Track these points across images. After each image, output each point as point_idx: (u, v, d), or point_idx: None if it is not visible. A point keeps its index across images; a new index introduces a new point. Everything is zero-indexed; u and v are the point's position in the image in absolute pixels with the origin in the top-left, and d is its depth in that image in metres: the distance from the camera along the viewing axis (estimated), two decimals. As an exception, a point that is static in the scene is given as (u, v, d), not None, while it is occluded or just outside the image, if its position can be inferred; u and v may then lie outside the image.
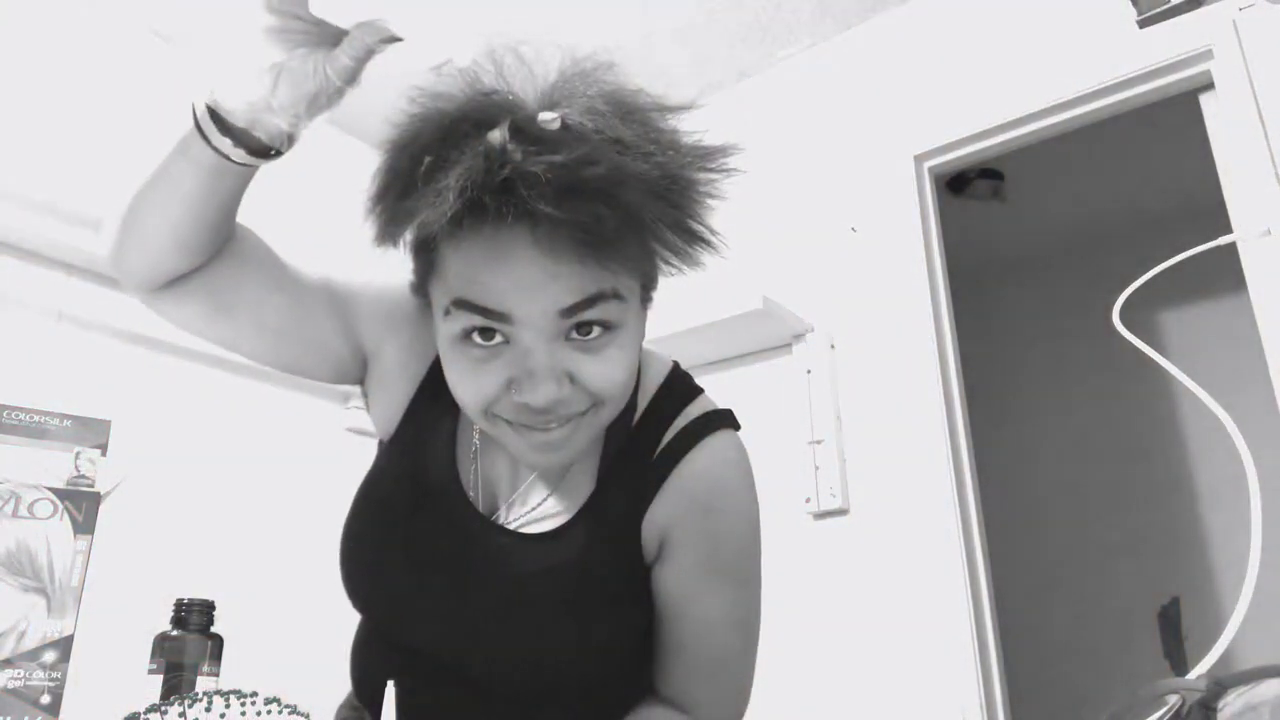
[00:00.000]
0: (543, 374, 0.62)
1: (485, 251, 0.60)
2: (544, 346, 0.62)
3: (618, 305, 0.64)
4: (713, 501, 0.77)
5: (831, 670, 1.92)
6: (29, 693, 0.77)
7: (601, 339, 0.64)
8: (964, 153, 2.11)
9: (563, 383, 0.64)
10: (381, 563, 0.79)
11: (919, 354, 2.00)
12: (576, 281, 0.61)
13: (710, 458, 0.77)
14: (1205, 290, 2.99)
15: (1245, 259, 1.72)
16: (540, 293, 0.60)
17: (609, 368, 0.65)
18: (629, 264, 0.62)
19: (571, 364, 0.64)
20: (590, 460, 0.78)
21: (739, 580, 0.80)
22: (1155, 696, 0.45)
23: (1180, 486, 3.02)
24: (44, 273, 1.95)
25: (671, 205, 0.61)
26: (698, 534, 0.76)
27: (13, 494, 0.80)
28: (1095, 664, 3.00)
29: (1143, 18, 1.84)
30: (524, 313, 0.61)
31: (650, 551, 0.78)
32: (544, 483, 0.79)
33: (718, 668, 0.80)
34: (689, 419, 0.78)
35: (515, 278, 0.60)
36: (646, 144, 0.60)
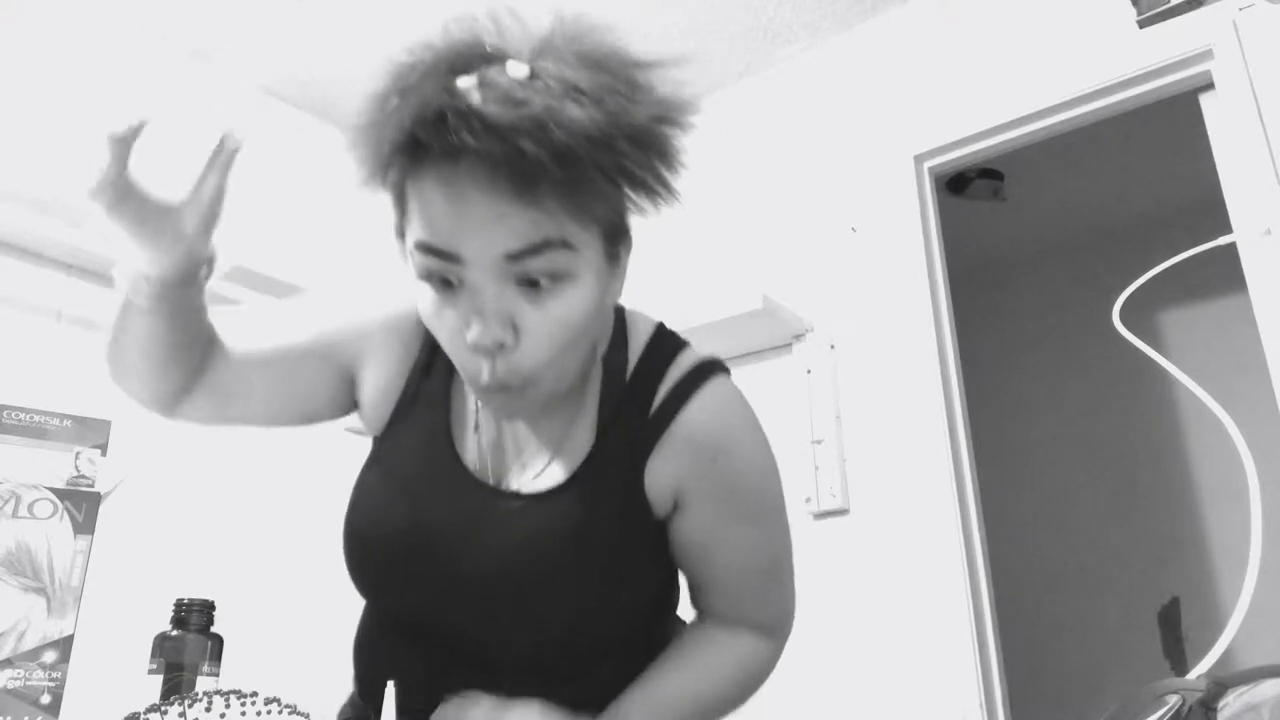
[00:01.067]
0: (488, 314, 0.64)
1: (440, 194, 0.62)
2: (492, 288, 0.64)
3: (567, 255, 0.64)
4: (720, 449, 0.77)
5: (832, 670, 1.92)
6: (29, 693, 0.77)
7: (550, 290, 0.65)
8: (964, 153, 2.11)
9: (506, 327, 0.65)
10: (386, 538, 0.78)
11: (919, 354, 2.00)
12: (522, 226, 0.62)
13: (708, 406, 0.78)
14: (1205, 290, 2.99)
15: (1245, 259, 1.72)
16: (486, 234, 0.62)
17: (552, 322, 0.66)
18: (572, 208, 0.63)
19: (517, 310, 0.65)
20: (589, 416, 0.78)
21: (762, 520, 0.82)
22: (1155, 696, 0.45)
23: (1180, 487, 3.02)
24: (44, 273, 1.95)
25: (616, 151, 0.61)
26: (711, 484, 0.77)
27: (13, 494, 0.80)
28: (1095, 664, 3.00)
29: (1143, 18, 1.84)
30: (472, 254, 0.63)
31: (660, 506, 0.78)
32: (545, 443, 0.79)
33: (755, 594, 0.84)
34: (681, 370, 0.79)
35: (464, 218, 0.62)
36: (602, 92, 0.61)
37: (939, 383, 1.96)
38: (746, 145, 2.44)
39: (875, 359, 2.07)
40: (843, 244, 2.19)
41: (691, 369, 0.79)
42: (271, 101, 2.54)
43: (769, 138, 2.41)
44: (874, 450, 2.02)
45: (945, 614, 1.81)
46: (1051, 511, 3.21)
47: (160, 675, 0.84)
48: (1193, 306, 3.06)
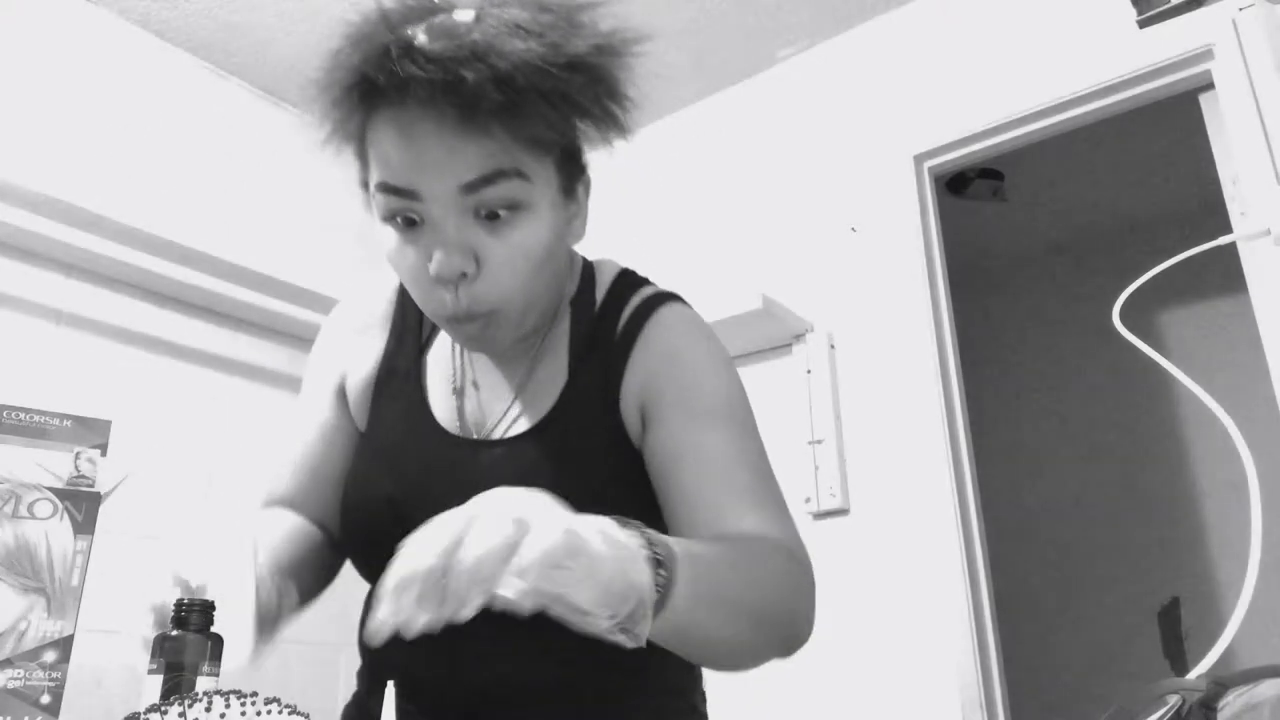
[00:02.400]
0: (449, 245, 0.67)
1: (393, 134, 0.65)
2: (452, 221, 0.67)
3: (522, 184, 0.67)
4: (677, 354, 0.79)
5: (832, 670, 1.92)
6: (29, 693, 0.77)
7: (508, 220, 0.68)
8: (964, 153, 2.11)
9: (468, 260, 0.67)
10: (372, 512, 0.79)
11: (919, 354, 2.00)
12: (474, 157, 0.65)
13: (666, 321, 0.81)
14: (1205, 290, 2.99)
15: (1245, 259, 1.72)
16: (440, 168, 0.65)
17: (513, 251, 0.68)
18: (521, 138, 0.65)
19: (477, 242, 0.68)
20: (560, 359, 0.81)
21: (731, 425, 0.77)
22: (1155, 696, 0.45)
23: (1180, 486, 3.02)
24: (44, 273, 1.95)
25: (557, 79, 0.63)
26: (672, 389, 0.77)
27: (13, 494, 0.80)
28: (1095, 664, 3.00)
29: (1143, 18, 1.84)
30: (429, 189, 0.66)
31: (634, 429, 0.78)
32: (519, 391, 0.81)
33: (747, 508, 0.74)
34: (643, 297, 0.82)
35: (418, 155, 0.65)
36: (543, 27, 0.63)
37: (939, 383, 1.96)
38: (746, 145, 2.44)
39: (875, 359, 2.07)
40: (843, 244, 2.19)
41: (651, 296, 0.83)
42: (274, 103, 2.54)
43: (769, 138, 2.41)
44: (874, 450, 2.02)
45: (945, 614, 1.81)
46: (1051, 511, 3.21)
47: (160, 675, 0.84)
48: (1193, 306, 3.06)
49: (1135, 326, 0.79)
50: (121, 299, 2.07)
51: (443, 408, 0.82)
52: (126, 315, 2.08)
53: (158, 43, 2.30)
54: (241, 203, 2.39)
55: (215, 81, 2.41)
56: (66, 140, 2.06)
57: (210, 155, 2.35)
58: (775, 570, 0.69)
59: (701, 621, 0.59)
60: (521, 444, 0.77)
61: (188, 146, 2.31)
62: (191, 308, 2.19)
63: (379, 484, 0.80)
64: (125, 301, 2.08)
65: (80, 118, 2.10)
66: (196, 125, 2.35)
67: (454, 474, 0.77)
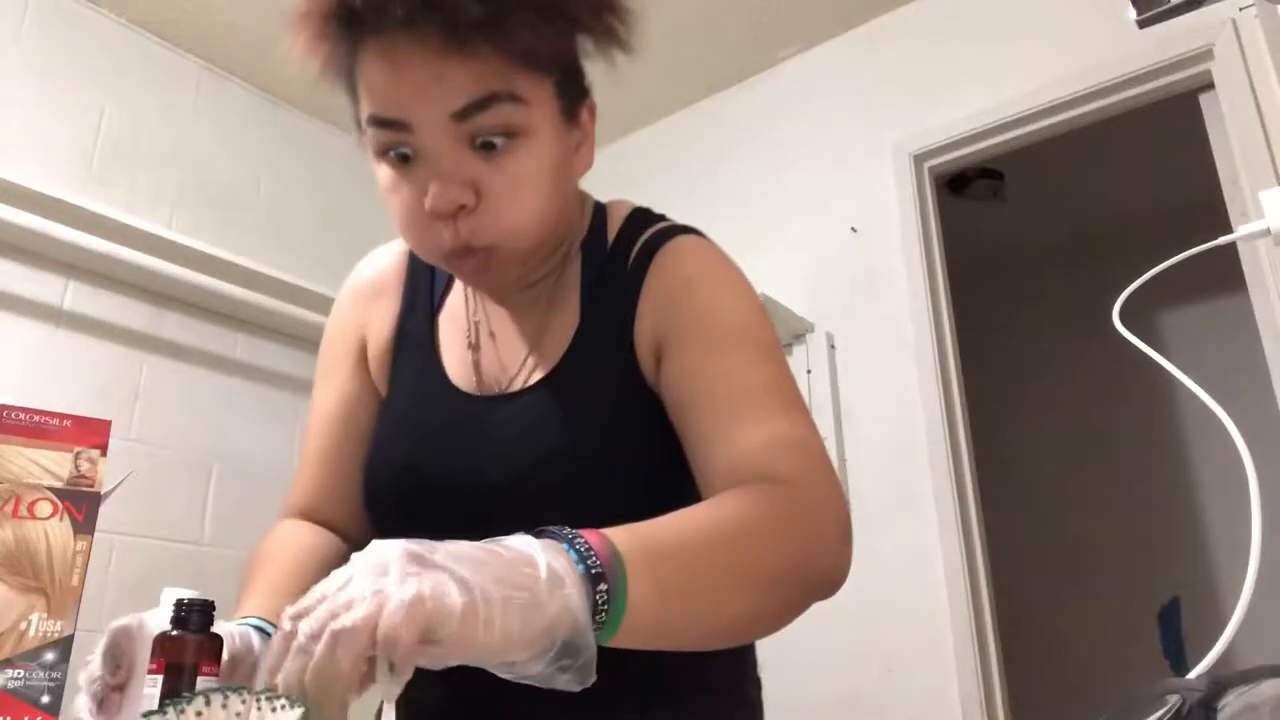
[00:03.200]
0: (445, 178, 0.63)
1: (380, 63, 0.62)
2: (446, 152, 0.63)
3: (518, 108, 0.63)
4: (690, 284, 0.73)
5: (832, 670, 1.92)
6: (29, 693, 0.77)
7: (506, 148, 0.63)
8: (964, 153, 2.11)
9: (466, 192, 0.63)
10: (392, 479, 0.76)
11: (919, 354, 2.00)
12: (462, 81, 0.61)
13: (677, 252, 0.75)
14: (1205, 290, 2.99)
15: (1245, 259, 1.72)
16: (428, 95, 0.61)
17: (515, 180, 0.64)
18: (511, 55, 0.61)
19: (476, 174, 0.63)
20: (572, 297, 0.76)
21: (743, 343, 0.70)
22: (1155, 696, 0.45)
23: (1180, 486, 3.02)
24: (44, 273, 1.95)
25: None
26: (686, 318, 0.71)
27: (13, 494, 0.80)
28: (1095, 664, 3.00)
29: (1143, 18, 1.84)
30: (419, 119, 0.62)
31: (648, 365, 0.73)
32: (532, 339, 0.77)
33: (758, 425, 0.65)
34: (654, 231, 0.77)
35: (405, 84, 0.61)
36: None
37: (939, 383, 1.96)
38: (747, 145, 2.44)
39: (875, 359, 2.07)
40: (843, 244, 2.19)
41: (665, 228, 0.77)
42: (275, 104, 2.54)
43: (769, 138, 2.41)
44: (874, 450, 2.02)
45: (945, 615, 1.81)
46: (1051, 511, 3.21)
47: (159, 675, 0.84)
48: (1193, 306, 3.06)
49: (1135, 326, 0.79)
50: (121, 299, 2.07)
51: (458, 366, 0.79)
52: (126, 315, 2.08)
53: (158, 43, 2.30)
54: (241, 203, 2.39)
55: (215, 81, 2.41)
56: (67, 140, 2.06)
57: (210, 155, 2.35)
58: (771, 526, 0.58)
59: (682, 613, 0.53)
60: (532, 396, 0.73)
61: (187, 146, 2.30)
62: (191, 308, 2.20)
63: (395, 449, 0.78)
64: (125, 301, 2.08)
65: (80, 118, 2.10)
66: (196, 125, 2.34)
67: (466, 433, 0.74)
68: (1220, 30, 1.76)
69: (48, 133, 2.03)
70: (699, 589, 0.54)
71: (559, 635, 0.44)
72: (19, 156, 1.93)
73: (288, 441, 2.34)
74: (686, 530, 0.55)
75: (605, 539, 0.49)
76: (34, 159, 1.97)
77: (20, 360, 1.88)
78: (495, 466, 0.71)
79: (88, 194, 1.96)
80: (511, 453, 0.71)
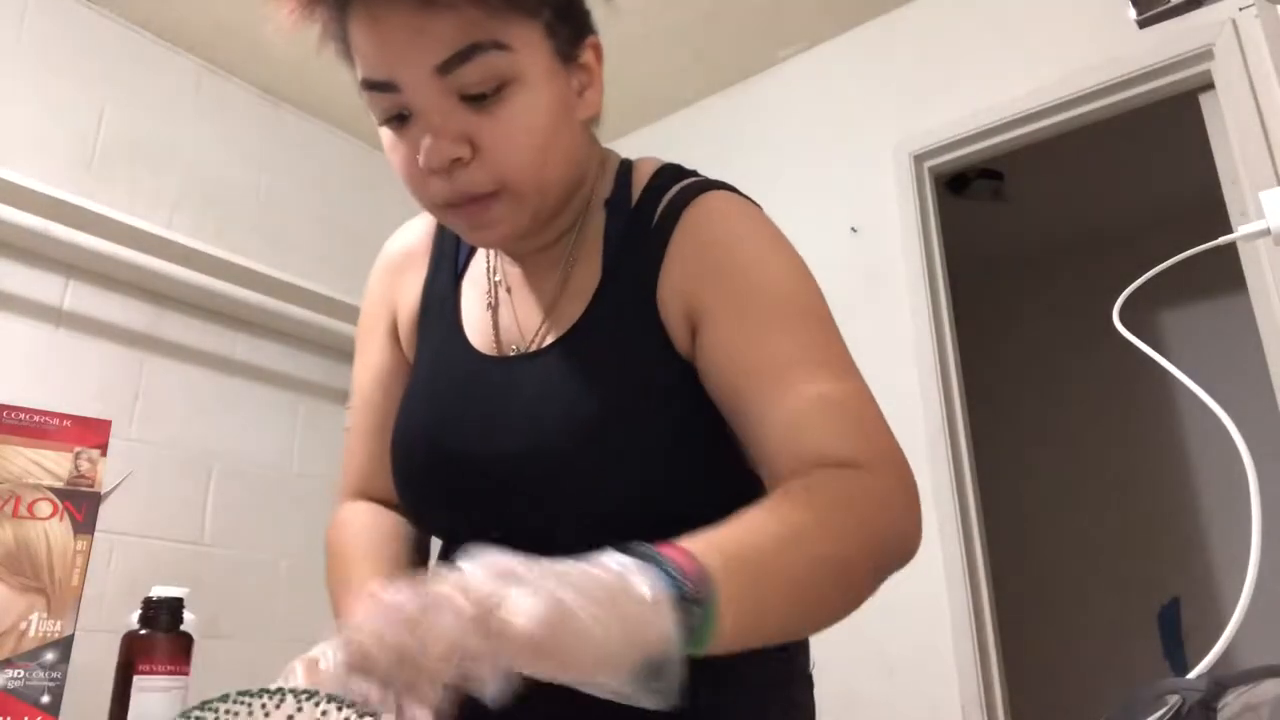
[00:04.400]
0: (436, 132, 0.62)
1: (365, 25, 0.61)
2: (434, 106, 0.62)
3: (503, 55, 0.61)
4: (723, 246, 0.69)
5: (832, 670, 1.92)
6: (29, 693, 0.77)
7: (498, 98, 0.62)
8: (964, 153, 2.11)
9: (460, 145, 0.62)
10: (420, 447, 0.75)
11: (919, 354, 2.00)
12: (441, 32, 0.59)
13: (708, 208, 0.71)
14: (1205, 290, 2.99)
15: (1245, 259, 1.73)
16: (410, 52, 0.60)
17: (509, 129, 0.62)
18: (490, 1, 0.60)
19: (469, 127, 0.62)
20: (595, 255, 0.74)
21: (789, 315, 0.68)
22: (1155, 696, 0.45)
23: (1180, 486, 3.02)
24: (44, 273, 1.95)
25: None
26: (722, 286, 0.67)
27: (13, 494, 0.80)
28: (1095, 664, 3.00)
29: (1143, 18, 1.84)
30: (404, 77, 0.61)
31: (678, 331, 0.69)
32: (553, 297, 0.75)
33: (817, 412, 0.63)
34: (682, 185, 0.73)
35: (387, 44, 0.60)
36: None
37: (939, 383, 1.97)
38: (747, 145, 2.44)
39: (875, 359, 2.07)
40: (843, 244, 2.19)
41: (695, 183, 0.73)
42: (277, 105, 2.54)
43: (769, 138, 2.41)
44: (874, 450, 2.02)
45: (945, 615, 1.81)
46: (1051, 511, 3.21)
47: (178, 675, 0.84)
48: (1193, 306, 3.06)
49: (1135, 326, 0.79)
50: (121, 299, 2.07)
51: (477, 329, 0.77)
52: (126, 315, 2.08)
53: (158, 43, 2.30)
54: (241, 203, 2.39)
55: (215, 81, 2.42)
56: (67, 140, 2.06)
57: (210, 155, 2.35)
58: (842, 519, 0.57)
59: (767, 628, 0.53)
60: (548, 356, 0.71)
61: (187, 146, 2.31)
62: (191, 308, 2.20)
63: (414, 417, 0.76)
64: (125, 301, 2.08)
65: (80, 118, 2.10)
66: (196, 125, 2.34)
67: (482, 393, 0.72)
68: (1220, 30, 1.76)
69: (48, 133, 2.03)
70: (783, 604, 0.54)
71: (652, 658, 0.44)
72: (19, 156, 1.93)
73: (288, 441, 2.34)
74: (765, 540, 0.54)
75: (693, 559, 0.48)
76: (34, 159, 1.97)
77: (20, 360, 1.88)
78: (510, 430, 0.69)
79: (88, 194, 1.96)
80: (526, 416, 0.69)
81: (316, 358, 2.37)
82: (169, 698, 0.83)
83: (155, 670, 0.83)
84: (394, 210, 3.07)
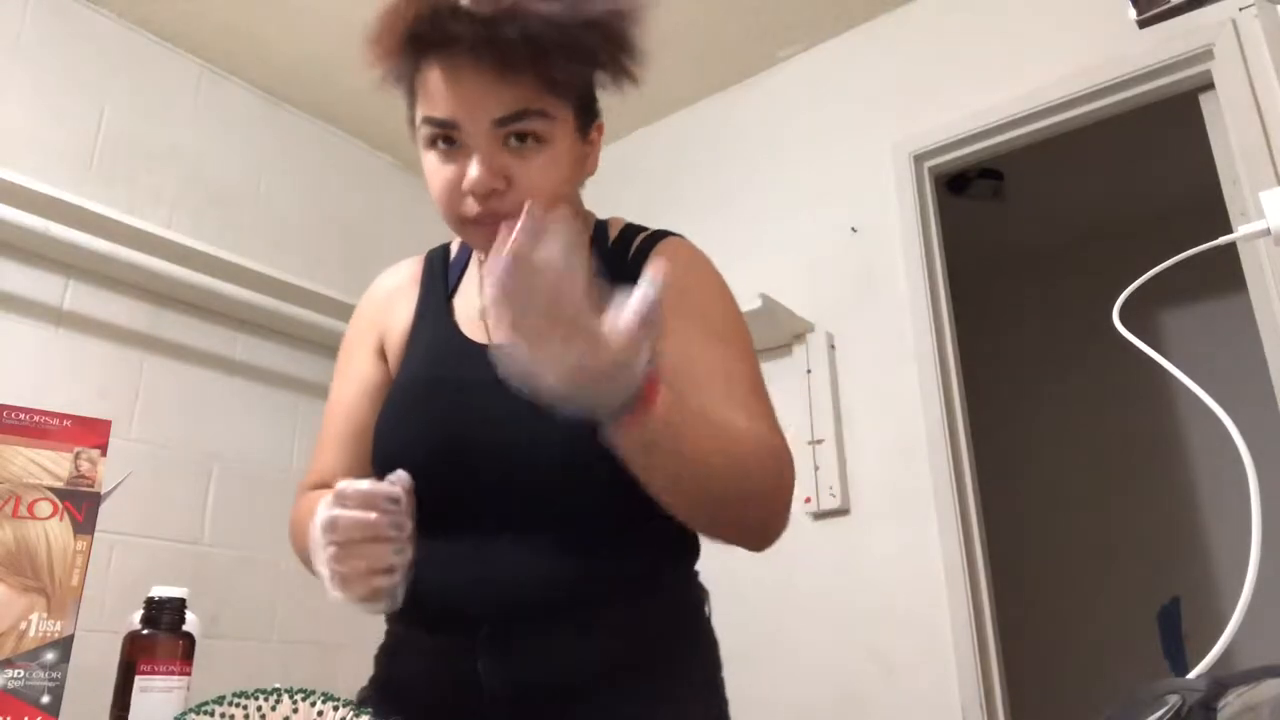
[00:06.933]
0: (483, 162, 0.79)
1: (441, 77, 0.79)
2: (484, 145, 0.79)
3: (544, 121, 0.80)
4: (687, 273, 0.89)
5: (832, 670, 1.92)
6: (29, 693, 0.77)
7: (533, 148, 0.80)
8: (964, 153, 2.11)
9: (498, 177, 0.79)
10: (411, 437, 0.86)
11: (919, 354, 2.00)
12: (507, 98, 0.78)
13: (676, 247, 0.93)
14: (1205, 290, 2.99)
15: (1245, 259, 1.73)
16: (479, 104, 0.78)
17: (538, 173, 0.81)
18: (546, 83, 0.78)
19: (509, 167, 0.80)
20: None
21: (730, 339, 0.87)
22: (1155, 696, 0.45)
23: (1180, 486, 3.03)
24: (44, 273, 1.95)
25: (575, 35, 0.77)
26: (681, 304, 0.83)
27: (12, 494, 0.80)
28: (1095, 664, 3.00)
29: (1143, 18, 1.84)
30: (468, 120, 0.79)
31: None
32: None
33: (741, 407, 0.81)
34: (650, 231, 0.95)
35: (460, 95, 0.78)
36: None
37: (939, 383, 1.97)
38: (747, 145, 2.44)
39: (875, 359, 2.07)
40: (843, 244, 2.20)
41: (661, 230, 0.95)
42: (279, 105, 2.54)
43: (769, 138, 2.41)
44: (874, 450, 2.02)
45: (945, 614, 1.81)
46: (1051, 511, 3.21)
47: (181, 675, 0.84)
48: (1193, 306, 3.06)
49: (1135, 326, 0.79)
50: (121, 299, 2.07)
51: (470, 325, 0.91)
52: (126, 315, 2.08)
53: (158, 43, 2.30)
54: (241, 203, 2.39)
55: (215, 81, 2.42)
56: (67, 140, 2.06)
57: (210, 155, 2.35)
58: (757, 451, 0.76)
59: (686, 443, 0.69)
60: None
61: (187, 146, 2.31)
62: (191, 308, 2.20)
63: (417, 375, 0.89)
64: (125, 301, 2.08)
65: (80, 118, 2.10)
66: (196, 125, 2.34)
67: (466, 367, 0.86)
68: (1220, 30, 1.76)
69: (48, 133, 2.03)
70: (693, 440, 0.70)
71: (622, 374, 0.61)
72: (19, 156, 1.93)
73: (288, 441, 2.34)
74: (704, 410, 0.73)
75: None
76: (34, 159, 1.97)
77: (20, 360, 1.88)
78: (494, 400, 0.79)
79: (88, 194, 1.96)
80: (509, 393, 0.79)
81: (316, 358, 2.37)
82: (170, 698, 0.83)
83: (157, 670, 0.83)
84: (394, 211, 3.08)
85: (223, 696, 0.48)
